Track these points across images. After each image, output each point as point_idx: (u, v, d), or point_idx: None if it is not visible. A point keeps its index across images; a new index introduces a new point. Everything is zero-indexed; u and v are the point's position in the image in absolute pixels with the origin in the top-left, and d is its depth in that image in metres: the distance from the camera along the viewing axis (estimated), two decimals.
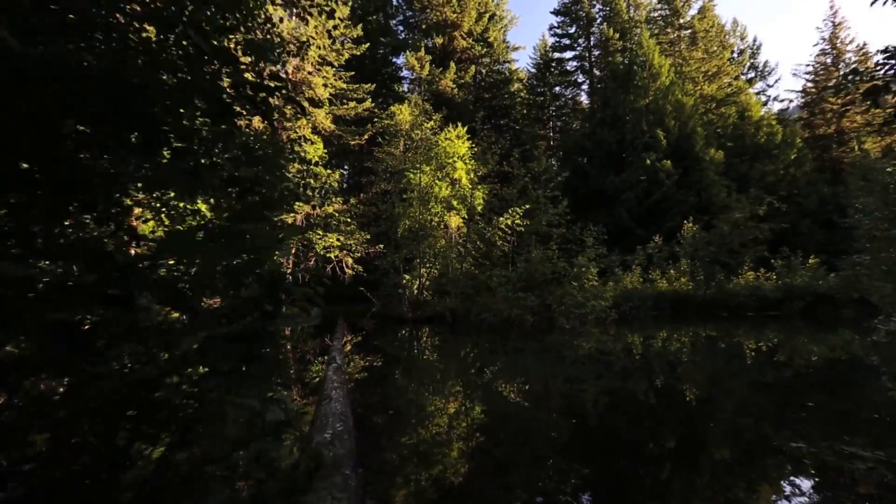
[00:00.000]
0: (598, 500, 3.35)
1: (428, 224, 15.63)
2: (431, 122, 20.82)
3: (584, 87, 34.76)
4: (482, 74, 34.06)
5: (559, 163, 27.47)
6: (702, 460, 4.01)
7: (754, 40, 40.23)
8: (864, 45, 41.68)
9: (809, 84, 42.81)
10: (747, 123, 33.30)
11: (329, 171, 18.96)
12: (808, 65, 43.09)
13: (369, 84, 23.69)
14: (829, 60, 42.56)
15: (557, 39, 34.23)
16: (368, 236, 18.89)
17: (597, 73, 32.86)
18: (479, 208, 16.67)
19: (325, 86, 21.17)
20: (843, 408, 5.69)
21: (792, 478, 3.60)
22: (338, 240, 18.26)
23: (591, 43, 32.77)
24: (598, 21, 32.26)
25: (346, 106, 22.63)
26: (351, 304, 19.90)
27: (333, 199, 18.68)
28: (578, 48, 33.49)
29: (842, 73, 41.82)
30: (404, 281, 15.06)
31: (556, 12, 33.82)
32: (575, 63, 34.21)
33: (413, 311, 14.21)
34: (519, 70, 37.53)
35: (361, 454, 3.74)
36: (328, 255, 18.20)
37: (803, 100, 43.02)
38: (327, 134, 22.06)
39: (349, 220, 18.78)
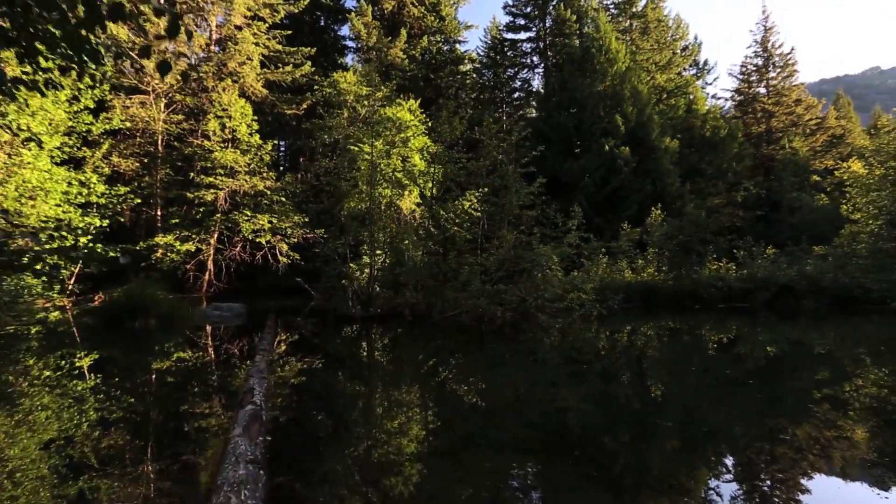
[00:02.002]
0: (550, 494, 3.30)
1: (378, 206, 13.33)
2: (380, 94, 18.42)
3: (538, 70, 33.51)
4: (432, 53, 31.82)
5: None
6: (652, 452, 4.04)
7: (695, 38, 40.95)
8: (792, 49, 43.71)
9: (743, 84, 44.42)
10: (694, 116, 33.58)
11: (261, 142, 16.10)
12: (741, 66, 44.60)
13: (309, 48, 20.76)
14: (760, 62, 44.22)
15: (512, 19, 32.67)
16: (307, 219, 16.23)
17: (552, 56, 31.65)
18: (434, 190, 14.64)
19: (257, 44, 18.10)
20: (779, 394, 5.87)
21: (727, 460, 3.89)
22: (270, 222, 15.50)
23: (547, 24, 31.48)
24: (555, 2, 30.99)
25: (280, 70, 19.62)
26: (286, 298, 17.20)
27: (265, 174, 15.83)
28: (534, 28, 32.09)
29: (772, 74, 43.83)
30: (351, 271, 12.66)
31: None
32: (530, 45, 32.83)
33: (362, 307, 11.89)
34: (469, 52, 35.70)
35: None
36: (258, 239, 15.40)
37: (737, 99, 44.65)
38: (258, 100, 19.02)
39: (284, 199, 16.02)
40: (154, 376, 6.74)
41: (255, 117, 16.37)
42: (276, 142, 16.97)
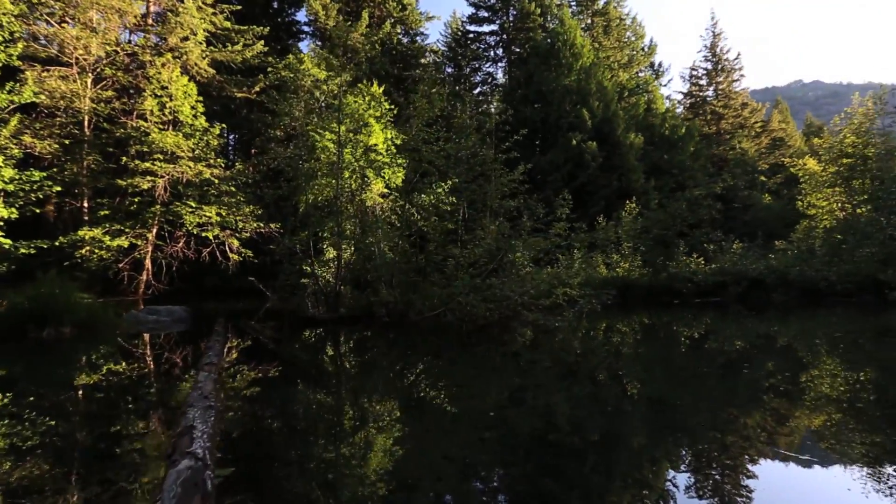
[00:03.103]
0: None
1: (345, 195, 12.02)
2: (341, 78, 17.02)
3: (501, 64, 32.93)
4: (392, 43, 30.51)
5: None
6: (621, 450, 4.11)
7: (651, 41, 41.79)
8: (738, 55, 45.52)
9: (694, 87, 45.86)
10: (653, 115, 34.06)
11: (207, 124, 14.34)
12: (692, 69, 45.98)
13: (262, 27, 19.00)
14: (709, 66, 45.73)
15: (475, 11, 31.88)
16: (260, 211, 14.61)
17: (515, 49, 31.14)
18: (400, 178, 13.51)
19: (202, 19, 16.25)
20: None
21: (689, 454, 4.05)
22: (218, 215, 13.79)
23: (511, 17, 30.93)
24: None
25: (229, 49, 17.78)
26: (237, 300, 15.50)
27: (212, 161, 14.09)
28: (498, 21, 31.47)
29: (720, 79, 45.52)
30: (313, 268, 11.27)
31: None
32: (493, 38, 32.18)
33: (328, 308, 10.55)
34: (431, 45, 34.67)
35: None
36: (204, 234, 13.67)
37: (689, 101, 46.05)
38: (204, 81, 17.12)
39: (234, 189, 14.34)
40: (79, 393, 5.74)
41: (201, 98, 14.57)
42: (224, 126, 15.20)
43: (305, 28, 25.66)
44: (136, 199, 13.61)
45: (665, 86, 51.09)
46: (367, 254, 10.75)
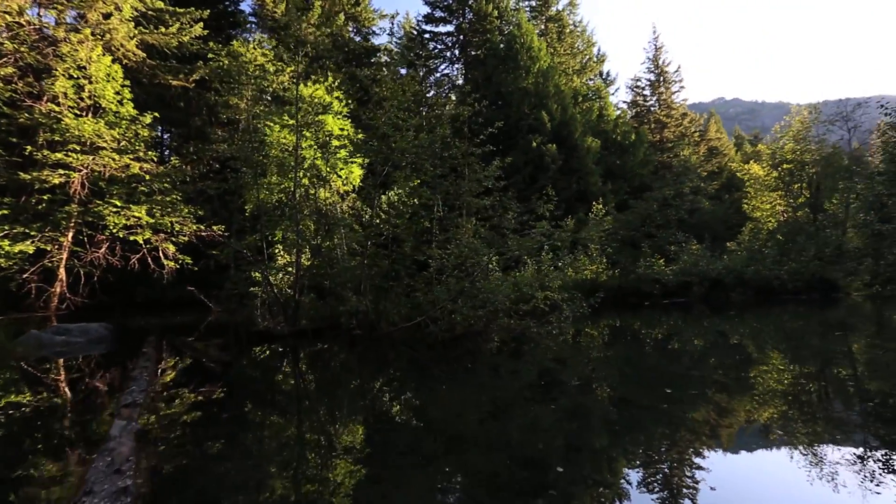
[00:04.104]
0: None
1: (302, 194, 10.71)
2: (291, 69, 15.63)
3: (457, 65, 32.34)
4: (344, 39, 29.12)
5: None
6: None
7: (598, 50, 42.87)
8: (679, 68, 47.74)
9: (639, 97, 47.60)
10: (605, 122, 34.72)
11: (136, 112, 12.49)
12: (636, 80, 47.72)
13: (201, 10, 17.17)
14: (652, 77, 47.63)
15: (431, 10, 31.13)
16: (202, 212, 12.91)
17: (472, 51, 30.66)
18: (357, 180, 12.40)
19: None
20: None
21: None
22: (150, 216, 11.98)
23: (468, 18, 30.44)
24: None
25: (162, 31, 15.85)
26: (174, 314, 13.63)
27: (143, 155, 12.27)
28: (455, 21, 30.87)
29: (662, 89, 47.52)
30: (267, 275, 9.85)
31: None
32: (450, 39, 31.54)
33: (286, 321, 9.18)
34: (384, 44, 33.55)
35: None
36: (133, 238, 11.82)
37: (634, 110, 47.72)
38: (133, 65, 15.12)
39: (168, 186, 12.57)
40: None
41: (128, 83, 12.70)
42: (156, 115, 13.34)
43: (252, 18, 23.78)
44: (45, 197, 11.52)
45: (613, 94, 52.71)
46: (329, 258, 9.49)
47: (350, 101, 14.85)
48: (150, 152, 12.66)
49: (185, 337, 9.51)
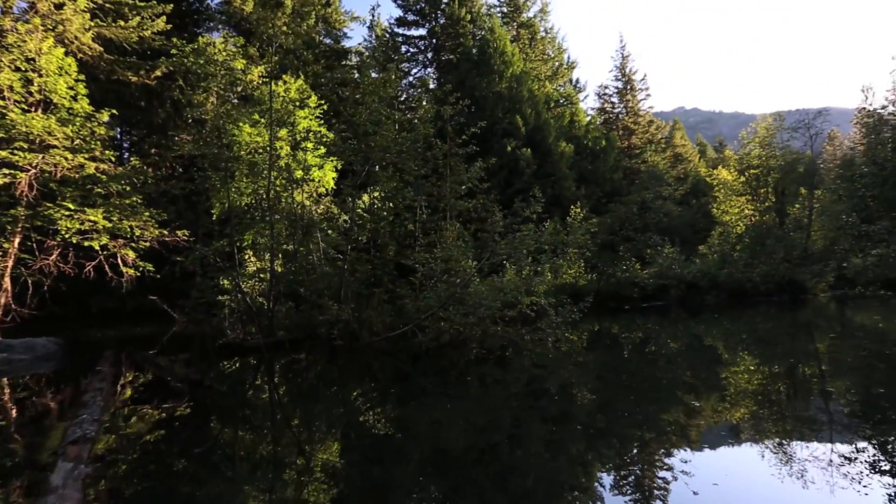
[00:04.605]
0: None
1: (271, 197, 10.12)
2: (261, 68, 14.99)
3: (430, 69, 32.12)
4: (314, 42, 28.44)
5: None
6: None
7: (569, 57, 43.57)
8: (645, 76, 48.98)
9: (607, 104, 48.58)
10: (576, 128, 35.16)
11: (91, 109, 11.60)
12: (604, 87, 48.71)
13: (164, 4, 16.28)
14: (620, 85, 48.71)
15: (404, 13, 30.84)
16: (164, 215, 12.10)
17: (444, 55, 30.49)
18: (330, 183, 11.91)
19: None
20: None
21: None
22: (107, 219, 11.12)
23: (440, 22, 30.27)
24: (447, 0, 29.92)
25: (121, 24, 14.92)
26: (134, 325, 12.73)
27: (99, 154, 11.40)
28: (428, 25, 30.65)
29: (629, 97, 48.65)
30: (239, 282, 9.21)
31: None
32: (423, 42, 31.29)
33: (262, 332, 8.57)
34: (355, 47, 32.96)
35: None
36: (88, 244, 10.94)
37: (602, 117, 48.67)
38: (89, 60, 14.16)
39: (127, 188, 11.74)
40: None
41: (83, 78, 11.81)
42: (114, 112, 12.46)
43: (218, 15, 22.83)
44: None
45: (582, 101, 53.44)
46: (306, 264, 8.94)
47: (323, 102, 14.33)
48: (107, 152, 11.78)
49: (147, 351, 8.79)
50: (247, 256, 11.73)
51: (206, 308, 9.87)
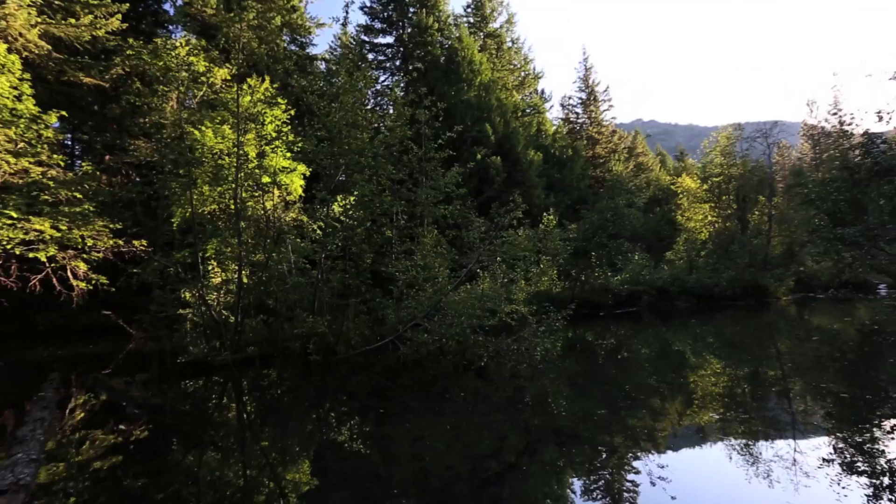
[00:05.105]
0: None
1: (238, 203, 9.59)
2: (224, 71, 14.40)
3: (397, 76, 31.92)
4: (278, 48, 27.78)
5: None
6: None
7: (534, 68, 44.36)
8: (608, 87, 50.40)
9: (572, 114, 49.66)
10: (543, 136, 35.71)
11: (37, 110, 10.75)
12: (568, 97, 49.80)
13: (119, 3, 15.44)
14: (584, 96, 49.92)
15: (371, 21, 30.60)
16: (119, 225, 11.31)
17: (412, 63, 30.39)
18: (299, 190, 11.47)
19: None
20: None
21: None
22: (55, 229, 10.28)
23: (408, 30, 30.17)
24: (416, 8, 29.87)
25: (71, 22, 14.03)
26: (86, 343, 11.81)
27: (46, 158, 10.56)
28: (395, 32, 30.50)
29: (593, 108, 49.93)
30: (203, 295, 8.63)
31: None
32: (391, 50, 31.09)
33: (228, 348, 8.02)
34: (321, 53, 32.43)
35: None
36: (33, 255, 10.06)
37: (567, 127, 49.71)
38: (36, 58, 13.22)
39: (78, 195, 10.93)
40: None
41: (28, 76, 10.95)
42: (64, 114, 11.61)
43: (178, 17, 21.91)
44: None
45: (549, 111, 54.40)
46: (277, 274, 8.45)
47: (291, 108, 13.85)
48: (55, 156, 10.92)
49: (100, 371, 8.08)
50: (211, 267, 11.09)
51: (167, 323, 9.20)
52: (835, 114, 37.69)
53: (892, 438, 4.69)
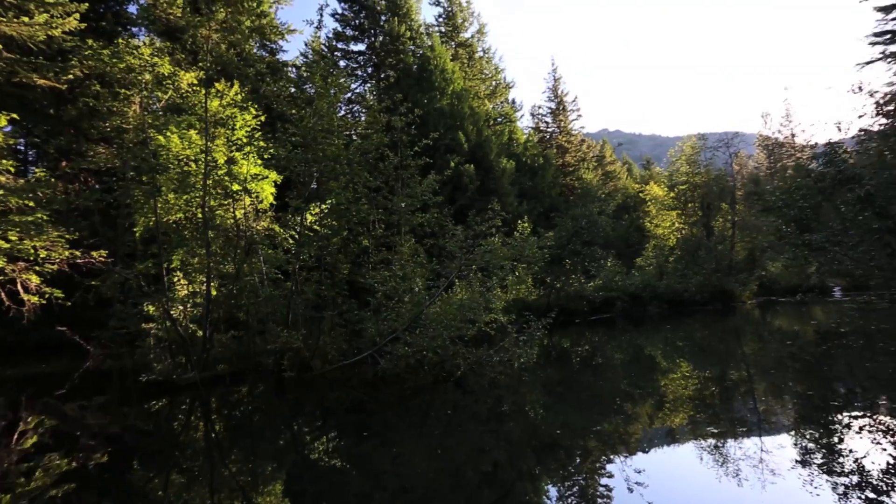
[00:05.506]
0: None
1: (206, 211, 9.19)
2: (191, 75, 13.91)
3: (369, 84, 31.70)
4: (248, 52, 27.15)
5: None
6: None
7: (505, 78, 44.95)
8: (576, 98, 51.55)
9: (542, 123, 50.53)
10: (515, 144, 36.09)
11: None
12: (538, 107, 50.70)
13: (77, 2, 14.72)
14: (553, 106, 50.89)
15: (342, 28, 30.31)
16: (76, 234, 10.68)
17: (384, 71, 30.25)
18: (270, 198, 11.12)
19: None
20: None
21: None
22: (4, 240, 9.60)
23: (380, 38, 30.03)
24: (388, 16, 29.78)
25: (24, 21, 13.26)
26: (39, 362, 11.06)
27: None
28: (367, 40, 30.31)
29: (562, 117, 50.92)
30: (167, 308, 8.18)
31: None
32: (363, 57, 30.85)
33: (194, 365, 7.61)
34: (292, 60, 31.88)
35: None
36: None
37: (538, 136, 50.51)
38: None
39: (30, 203, 10.27)
40: None
41: None
42: (15, 116, 10.90)
43: (142, 20, 21.14)
44: None
45: (519, 120, 55.13)
46: (248, 286, 8.09)
47: (262, 113, 13.46)
48: (5, 161, 10.24)
49: (54, 392, 7.52)
50: (177, 278, 10.56)
51: (129, 339, 8.67)
52: (786, 125, 39.56)
53: (849, 434, 4.88)
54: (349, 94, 30.87)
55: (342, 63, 30.74)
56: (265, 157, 11.99)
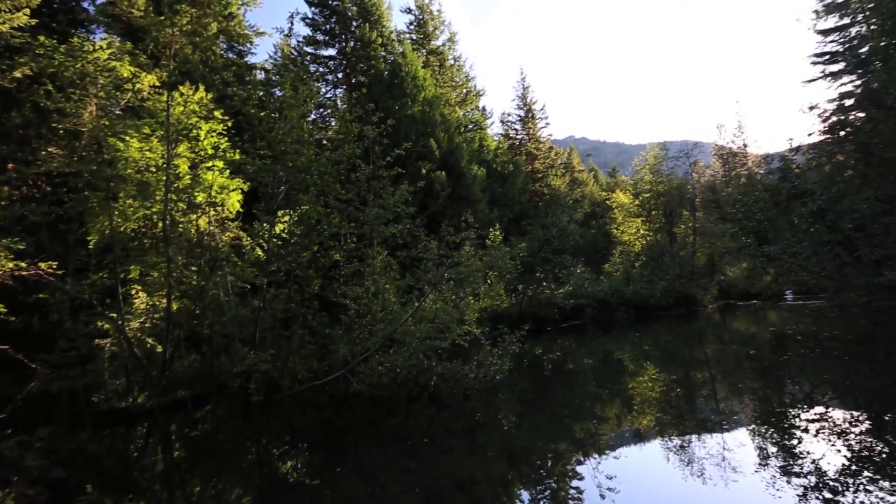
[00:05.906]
0: None
1: (168, 220, 8.77)
2: (153, 77, 13.33)
3: (339, 90, 31.34)
4: (214, 56, 26.34)
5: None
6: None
7: (475, 86, 45.35)
8: (544, 106, 52.51)
9: (511, 130, 51.21)
10: (486, 151, 36.39)
11: None
12: (507, 115, 51.39)
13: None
14: (522, 113, 51.65)
15: (313, 32, 29.87)
16: (22, 245, 9.98)
17: (354, 76, 29.95)
18: (235, 208, 10.75)
19: None
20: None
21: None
22: None
23: (351, 44, 29.73)
24: (359, 22, 29.52)
25: None
26: None
27: None
28: (338, 45, 29.94)
29: (531, 125, 51.73)
30: (123, 329, 7.72)
31: (310, 2, 29.55)
32: (333, 62, 30.45)
33: (151, 388, 7.20)
34: (261, 63, 31.14)
35: None
36: None
37: (507, 143, 51.11)
38: None
39: None
40: None
41: None
42: None
43: (100, 17, 20.13)
44: None
45: (490, 128, 55.64)
46: (213, 302, 7.73)
47: (228, 119, 13.00)
48: None
49: None
50: (134, 291, 10.01)
51: (80, 360, 8.14)
52: (739, 136, 41.49)
53: (803, 430, 5.15)
54: (320, 99, 30.40)
55: (312, 67, 30.26)
56: (231, 159, 11.52)
